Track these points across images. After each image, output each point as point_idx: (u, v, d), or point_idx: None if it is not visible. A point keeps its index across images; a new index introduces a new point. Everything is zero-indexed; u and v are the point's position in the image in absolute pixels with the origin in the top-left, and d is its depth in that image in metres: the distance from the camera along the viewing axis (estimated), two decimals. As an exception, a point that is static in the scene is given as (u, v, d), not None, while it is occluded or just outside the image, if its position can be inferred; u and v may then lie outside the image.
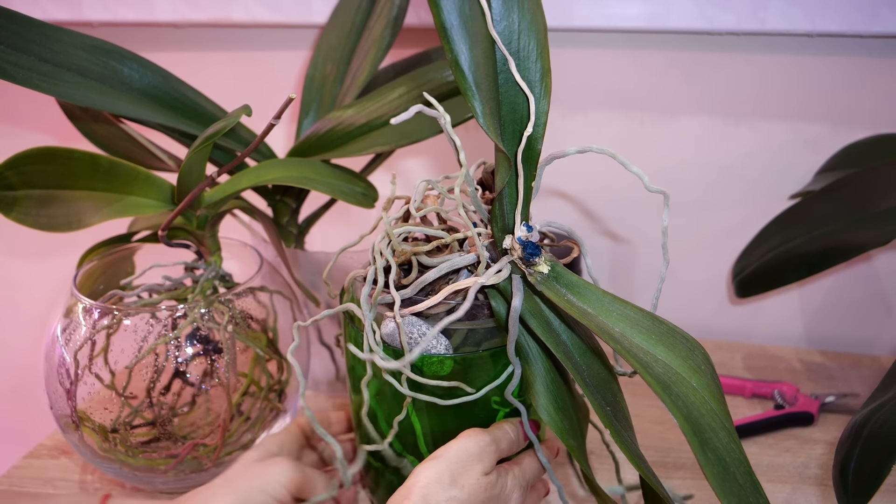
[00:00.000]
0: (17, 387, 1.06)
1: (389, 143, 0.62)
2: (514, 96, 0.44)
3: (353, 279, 0.52)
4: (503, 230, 0.46)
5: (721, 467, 0.37)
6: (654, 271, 0.88)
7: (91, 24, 0.84)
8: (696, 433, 0.37)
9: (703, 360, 0.41)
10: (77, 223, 0.56)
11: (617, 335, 0.41)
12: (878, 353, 0.85)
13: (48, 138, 0.94)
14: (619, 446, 0.40)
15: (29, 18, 0.55)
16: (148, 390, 0.57)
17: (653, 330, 0.42)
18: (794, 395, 0.72)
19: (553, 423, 0.42)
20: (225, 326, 0.57)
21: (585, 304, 0.43)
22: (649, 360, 0.40)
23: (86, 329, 0.56)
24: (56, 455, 0.66)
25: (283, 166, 0.62)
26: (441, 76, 0.64)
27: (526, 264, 0.44)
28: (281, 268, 0.69)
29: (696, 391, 0.39)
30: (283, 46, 0.86)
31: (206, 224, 0.61)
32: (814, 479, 0.63)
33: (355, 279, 0.52)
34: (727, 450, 0.38)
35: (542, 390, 0.43)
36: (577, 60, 0.81)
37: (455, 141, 0.41)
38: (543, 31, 0.44)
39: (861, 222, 0.66)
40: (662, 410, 0.72)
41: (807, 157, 0.80)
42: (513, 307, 0.44)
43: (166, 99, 0.63)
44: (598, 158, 0.78)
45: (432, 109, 0.44)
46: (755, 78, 0.79)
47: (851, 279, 0.84)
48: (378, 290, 0.47)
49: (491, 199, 0.51)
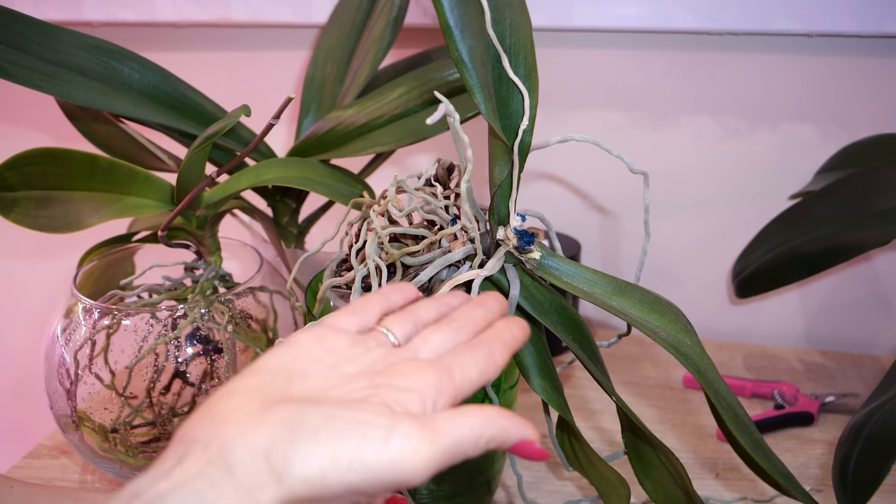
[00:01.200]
0: (17, 387, 1.06)
1: (389, 143, 0.62)
2: (506, 92, 0.46)
3: (330, 288, 0.51)
4: (498, 221, 0.47)
5: (732, 412, 0.42)
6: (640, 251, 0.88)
7: (91, 24, 0.84)
8: (709, 385, 0.42)
9: (686, 322, 0.46)
10: (76, 224, 0.56)
11: (616, 308, 0.45)
12: (878, 353, 0.85)
13: (48, 138, 0.94)
14: (603, 388, 0.46)
15: (30, 18, 0.56)
16: (148, 390, 0.57)
17: (644, 300, 0.46)
18: (794, 395, 0.72)
19: (551, 400, 0.46)
20: (225, 326, 0.57)
21: (581, 284, 0.46)
22: (652, 326, 0.44)
23: (86, 329, 0.56)
24: (56, 455, 0.66)
25: (282, 166, 0.62)
26: (441, 76, 0.64)
27: (521, 252, 0.45)
28: (281, 268, 0.69)
29: (693, 349, 0.44)
30: (283, 46, 0.86)
31: (205, 224, 0.61)
32: (814, 479, 0.63)
33: (333, 288, 0.52)
34: (730, 396, 0.43)
35: (536, 372, 0.47)
36: (577, 60, 0.81)
37: (464, 138, 0.42)
38: (529, 30, 0.46)
39: (861, 222, 0.66)
40: (662, 411, 0.72)
41: (807, 157, 0.80)
42: (511, 295, 0.45)
43: (166, 99, 0.63)
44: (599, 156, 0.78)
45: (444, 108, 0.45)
46: (755, 78, 0.79)
47: (851, 279, 0.84)
48: None
49: (448, 195, 0.53)
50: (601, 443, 0.68)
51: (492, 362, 0.33)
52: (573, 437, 0.49)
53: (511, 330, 0.36)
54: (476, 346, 0.34)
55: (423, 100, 0.64)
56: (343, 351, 0.33)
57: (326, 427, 0.27)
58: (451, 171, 0.55)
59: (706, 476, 0.63)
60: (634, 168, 0.47)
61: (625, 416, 0.47)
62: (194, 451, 0.27)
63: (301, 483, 0.26)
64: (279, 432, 0.27)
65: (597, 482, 0.50)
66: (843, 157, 0.78)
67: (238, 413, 0.28)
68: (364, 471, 0.27)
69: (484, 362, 0.33)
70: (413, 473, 0.27)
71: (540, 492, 0.61)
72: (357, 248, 0.51)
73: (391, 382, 0.30)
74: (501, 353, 0.34)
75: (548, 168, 0.86)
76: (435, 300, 0.38)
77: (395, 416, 0.28)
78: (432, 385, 0.31)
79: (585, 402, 0.74)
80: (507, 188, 0.46)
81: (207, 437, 0.28)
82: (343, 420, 0.28)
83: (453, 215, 0.52)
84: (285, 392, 0.30)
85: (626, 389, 0.76)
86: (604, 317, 0.91)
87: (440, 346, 0.34)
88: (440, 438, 0.28)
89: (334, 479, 0.27)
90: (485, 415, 0.30)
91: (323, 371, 0.32)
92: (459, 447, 0.29)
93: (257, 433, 0.27)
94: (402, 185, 0.52)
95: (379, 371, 0.32)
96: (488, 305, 0.38)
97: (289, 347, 0.33)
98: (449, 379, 0.31)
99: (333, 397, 0.30)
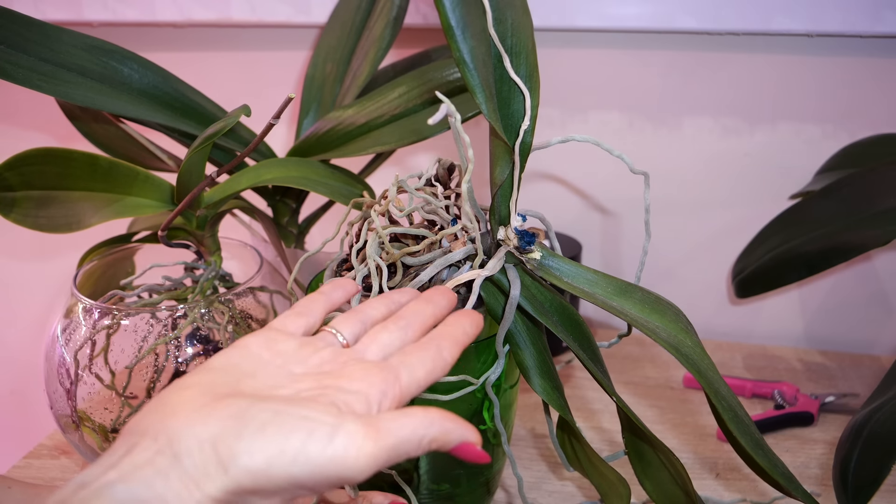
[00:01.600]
0: (17, 387, 1.06)
1: (389, 143, 0.62)
2: (507, 92, 0.46)
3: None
4: (498, 221, 0.47)
5: (732, 412, 0.42)
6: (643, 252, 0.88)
7: (91, 24, 0.84)
8: (709, 385, 0.42)
9: (686, 322, 0.46)
10: (76, 224, 0.56)
11: (617, 308, 0.45)
12: (878, 353, 0.85)
13: (48, 138, 0.94)
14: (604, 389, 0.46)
15: (29, 18, 0.56)
16: (148, 390, 0.57)
17: (644, 300, 0.46)
18: (794, 395, 0.72)
19: (551, 400, 0.46)
20: (225, 326, 0.57)
21: (582, 284, 0.46)
22: (652, 326, 0.44)
23: (86, 329, 0.56)
24: (56, 455, 0.66)
25: (282, 166, 0.62)
26: (441, 75, 0.64)
27: (521, 252, 0.46)
28: (281, 268, 0.69)
29: (693, 349, 0.44)
30: (283, 46, 0.86)
31: (205, 224, 0.61)
32: (814, 479, 0.63)
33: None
34: (730, 396, 0.43)
35: (537, 372, 0.47)
36: (577, 60, 0.81)
37: (465, 138, 0.42)
38: (531, 30, 0.46)
39: (861, 222, 0.66)
40: (662, 410, 0.72)
41: (807, 157, 0.80)
42: (511, 295, 0.45)
43: (166, 99, 0.63)
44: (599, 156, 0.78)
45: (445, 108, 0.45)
46: (755, 78, 0.79)
47: (851, 279, 0.84)
48: (373, 295, 0.47)
49: (448, 195, 0.53)
50: (601, 443, 0.68)
51: (440, 361, 0.34)
52: (573, 437, 0.49)
53: (462, 325, 0.37)
54: (424, 346, 0.35)
55: (423, 100, 0.64)
56: (291, 353, 0.34)
57: (274, 422, 0.28)
58: (452, 171, 0.55)
59: (706, 476, 0.63)
60: (635, 168, 0.47)
61: (625, 416, 0.47)
62: (143, 441, 0.28)
63: (246, 474, 0.27)
64: (228, 425, 0.28)
65: (597, 482, 0.50)
66: (843, 157, 0.78)
67: (188, 406, 0.29)
68: (308, 465, 0.28)
69: (432, 362, 0.34)
70: (355, 470, 0.28)
71: (540, 492, 0.61)
72: (357, 247, 0.51)
73: (338, 384, 0.31)
74: (450, 350, 0.35)
75: (548, 168, 0.86)
76: (383, 298, 0.39)
77: (342, 415, 0.29)
78: (378, 388, 0.32)
79: (585, 402, 0.74)
80: (508, 188, 0.46)
81: (157, 428, 0.28)
82: (291, 416, 0.29)
83: (454, 215, 0.52)
84: (235, 388, 0.31)
85: (627, 389, 0.76)
86: (604, 317, 0.91)
87: (388, 345, 0.35)
88: (383, 437, 0.29)
89: (279, 472, 0.28)
90: (427, 417, 0.31)
91: (272, 371, 0.32)
92: (402, 447, 0.30)
93: (206, 425, 0.28)
94: (402, 184, 0.52)
95: (327, 372, 0.33)
96: (436, 301, 0.38)
97: (238, 350, 0.34)
98: (395, 381, 0.32)
99: (282, 395, 0.31)
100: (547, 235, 0.51)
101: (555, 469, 0.64)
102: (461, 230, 0.49)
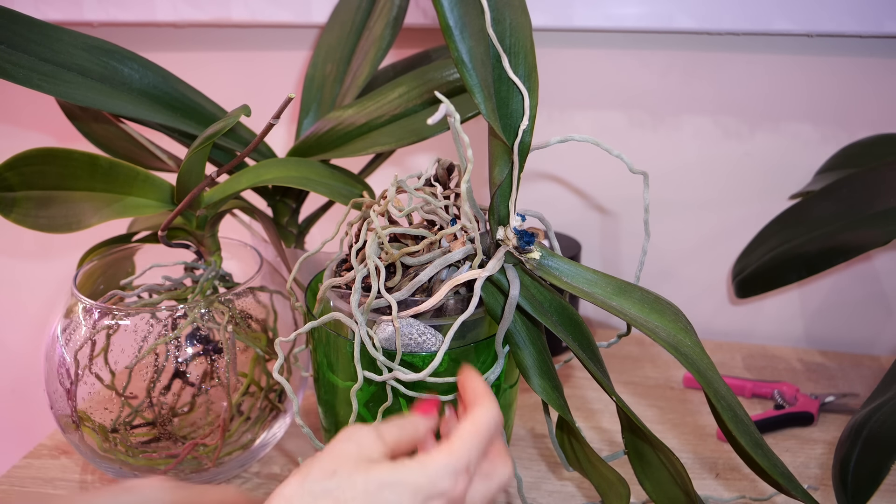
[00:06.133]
0: (17, 387, 1.06)
1: (389, 143, 0.62)
2: (506, 92, 0.46)
3: (330, 288, 0.52)
4: (498, 221, 0.47)
5: (732, 412, 0.42)
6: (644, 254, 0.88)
7: (91, 24, 0.84)
8: (708, 385, 0.42)
9: (686, 322, 0.46)
10: (77, 224, 0.56)
11: (616, 308, 0.45)
12: (878, 353, 0.85)
13: (48, 138, 0.94)
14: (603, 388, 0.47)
15: (30, 18, 0.56)
16: (148, 390, 0.57)
17: (644, 300, 0.46)
18: (793, 395, 0.72)
19: (551, 400, 0.46)
20: (225, 326, 0.57)
21: (581, 284, 0.46)
22: (652, 326, 0.44)
23: (86, 329, 0.56)
24: (56, 455, 0.66)
25: (282, 166, 0.62)
26: (441, 76, 0.64)
27: (521, 252, 0.46)
28: (281, 268, 0.69)
29: (692, 349, 0.44)
30: (283, 46, 0.86)
31: (205, 224, 0.61)
32: (814, 479, 0.63)
33: (333, 288, 0.52)
34: (730, 396, 0.43)
35: (536, 372, 0.47)
36: (577, 60, 0.81)
37: (464, 138, 0.42)
38: (529, 30, 0.46)
39: (861, 222, 0.66)
40: (662, 410, 0.72)
41: (807, 157, 0.80)
42: (511, 295, 0.45)
43: (166, 99, 0.63)
44: (599, 156, 0.78)
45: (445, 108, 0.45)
46: (755, 78, 0.79)
47: (851, 279, 0.84)
48: (372, 296, 0.47)
49: (448, 195, 0.53)
50: (601, 443, 0.68)
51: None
52: (573, 437, 0.49)
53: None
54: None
55: (422, 100, 0.64)
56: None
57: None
58: (451, 171, 0.55)
59: (706, 476, 0.63)
60: (634, 168, 0.48)
61: (625, 416, 0.47)
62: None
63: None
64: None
65: (597, 482, 0.50)
66: (843, 157, 0.78)
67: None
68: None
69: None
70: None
71: (540, 492, 0.61)
72: (357, 248, 0.51)
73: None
74: None
75: (548, 168, 0.86)
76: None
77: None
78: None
79: (585, 402, 0.74)
80: (507, 188, 0.46)
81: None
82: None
83: (453, 215, 0.52)
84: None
85: (626, 389, 0.76)
86: (604, 317, 0.91)
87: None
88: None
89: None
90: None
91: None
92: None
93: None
94: (402, 185, 0.52)
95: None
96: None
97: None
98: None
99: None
100: (546, 235, 0.51)
101: (554, 469, 0.64)
102: (460, 230, 0.49)
